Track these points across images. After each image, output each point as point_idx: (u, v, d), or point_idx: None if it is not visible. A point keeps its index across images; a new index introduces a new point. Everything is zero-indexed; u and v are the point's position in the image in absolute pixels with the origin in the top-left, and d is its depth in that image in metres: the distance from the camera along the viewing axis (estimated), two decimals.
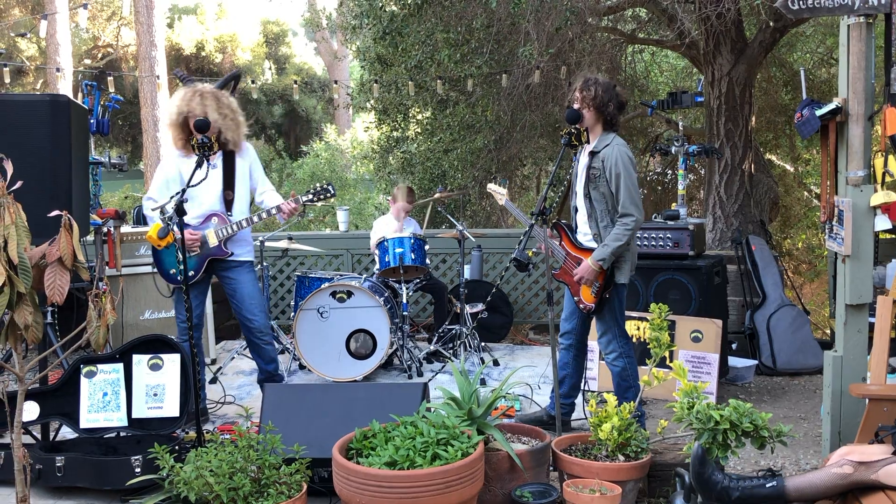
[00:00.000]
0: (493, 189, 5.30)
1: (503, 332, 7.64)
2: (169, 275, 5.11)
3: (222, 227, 5.03)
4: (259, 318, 5.14)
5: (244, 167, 5.18)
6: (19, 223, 3.14)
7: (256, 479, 3.44)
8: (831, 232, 4.24)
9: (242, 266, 5.15)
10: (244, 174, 5.18)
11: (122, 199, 13.65)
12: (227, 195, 5.10)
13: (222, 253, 5.05)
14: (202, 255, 5.04)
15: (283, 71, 22.86)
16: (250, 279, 5.16)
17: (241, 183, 5.16)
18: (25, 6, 19.30)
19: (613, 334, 4.65)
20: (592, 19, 8.39)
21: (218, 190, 5.08)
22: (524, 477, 3.59)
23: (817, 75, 11.09)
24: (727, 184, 7.97)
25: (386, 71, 9.83)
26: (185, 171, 4.86)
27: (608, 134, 4.61)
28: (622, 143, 4.58)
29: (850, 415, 4.07)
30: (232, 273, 5.14)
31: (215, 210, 5.08)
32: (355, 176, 19.28)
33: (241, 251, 5.13)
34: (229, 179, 5.11)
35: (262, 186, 5.27)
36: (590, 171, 4.58)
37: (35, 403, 4.35)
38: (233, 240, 5.09)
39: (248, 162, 5.20)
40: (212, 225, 5.05)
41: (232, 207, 5.12)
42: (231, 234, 5.04)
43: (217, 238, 5.03)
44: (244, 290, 5.12)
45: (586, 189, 4.61)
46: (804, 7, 4.06)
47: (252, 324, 5.12)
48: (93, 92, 6.10)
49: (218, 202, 5.09)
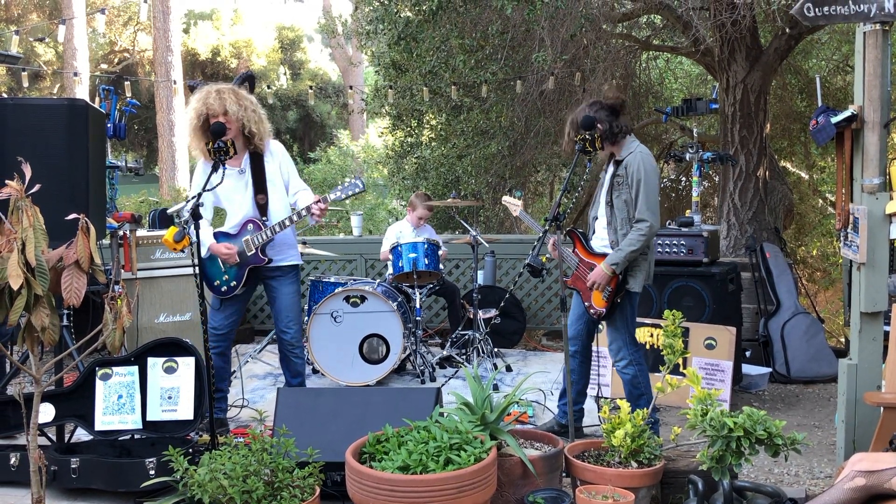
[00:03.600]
0: (508, 201, 5.29)
1: (516, 337, 7.63)
2: (213, 286, 4.98)
3: (257, 234, 4.87)
4: (293, 331, 5.00)
5: (274, 167, 4.99)
6: (37, 226, 3.17)
7: (270, 482, 3.45)
8: (846, 240, 4.22)
9: (285, 275, 4.99)
10: (275, 175, 4.99)
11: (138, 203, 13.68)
12: (260, 199, 4.92)
13: (260, 261, 4.89)
14: (242, 265, 4.90)
15: (297, 76, 22.96)
16: (290, 291, 5.00)
17: (274, 185, 4.97)
18: (43, 11, 19.47)
19: (623, 341, 4.64)
20: (607, 26, 8.40)
21: (250, 195, 4.93)
22: (537, 483, 3.59)
23: (833, 82, 11.05)
24: (742, 191, 7.95)
25: (400, 76, 9.87)
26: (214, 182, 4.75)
27: (631, 142, 4.62)
28: (646, 151, 4.58)
29: (865, 423, 4.05)
30: (273, 282, 5.00)
31: (250, 216, 4.93)
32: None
33: (281, 256, 4.97)
34: (260, 183, 4.93)
35: (294, 186, 5.06)
36: (614, 179, 4.59)
37: (51, 405, 4.38)
38: (272, 245, 4.92)
39: (277, 161, 5.00)
40: (248, 232, 4.90)
41: (267, 211, 4.93)
42: (267, 239, 4.86)
43: (254, 245, 4.87)
44: (282, 301, 4.99)
45: (608, 196, 4.61)
46: (820, 14, 4.05)
47: (284, 336, 5.01)
48: (109, 96, 6.15)
49: (251, 207, 4.93)
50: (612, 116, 4.60)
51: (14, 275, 3.04)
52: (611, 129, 4.59)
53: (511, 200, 5.28)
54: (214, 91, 4.80)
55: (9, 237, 3.11)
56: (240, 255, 4.88)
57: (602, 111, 4.59)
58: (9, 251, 3.08)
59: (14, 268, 3.04)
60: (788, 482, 4.38)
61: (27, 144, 4.31)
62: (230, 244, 4.87)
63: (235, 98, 4.78)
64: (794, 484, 4.35)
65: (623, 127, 4.64)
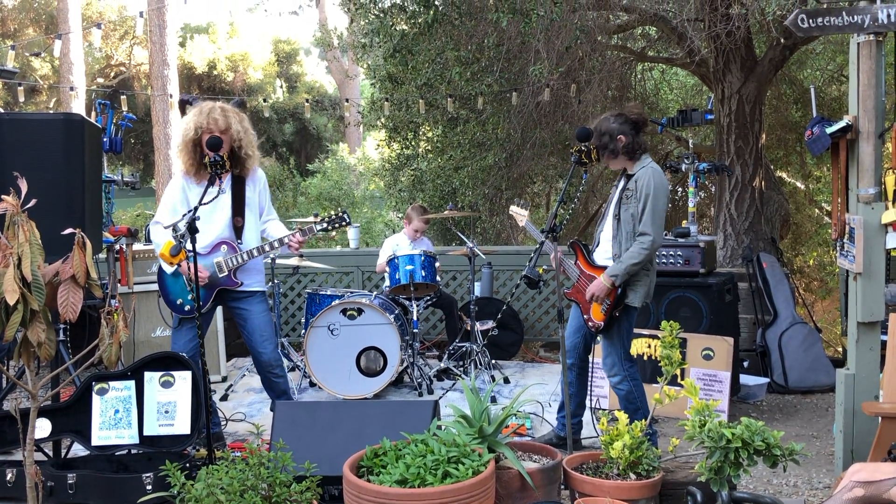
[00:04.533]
0: (515, 211, 5.29)
1: (514, 349, 7.62)
2: (175, 305, 4.87)
3: (232, 257, 4.80)
4: (268, 350, 4.91)
5: (254, 193, 4.96)
6: (33, 241, 3.16)
7: (267, 496, 3.44)
8: (843, 249, 4.23)
9: (253, 296, 4.91)
10: (254, 201, 4.96)
11: (134, 217, 13.71)
12: (237, 222, 4.86)
13: (232, 283, 4.83)
14: (211, 286, 4.82)
15: (294, 89, 22.98)
16: (261, 310, 4.91)
17: (251, 209, 4.94)
18: (39, 25, 19.50)
19: (618, 356, 4.63)
20: (602, 38, 8.43)
21: (227, 216, 4.85)
22: (535, 495, 3.58)
23: (827, 92, 11.09)
24: (738, 201, 7.96)
25: (396, 89, 9.90)
26: (193, 199, 4.74)
27: (644, 158, 4.64)
28: (658, 168, 4.60)
29: (863, 433, 4.05)
30: (242, 304, 4.91)
31: (224, 237, 4.85)
32: (365, 193, 19.33)
33: (251, 280, 4.90)
34: (239, 205, 4.87)
35: (266, 215, 5.06)
36: (624, 193, 4.60)
37: (47, 420, 4.36)
38: (243, 269, 4.86)
39: (258, 188, 4.98)
40: (220, 253, 4.82)
41: (242, 235, 4.87)
42: (240, 263, 4.81)
43: (227, 267, 4.80)
44: (254, 321, 4.89)
45: (616, 210, 4.62)
46: (814, 25, 4.08)
47: (262, 357, 4.91)
48: (106, 110, 6.15)
49: (227, 229, 4.85)
50: (634, 131, 4.64)
51: (10, 290, 3.03)
52: (632, 143, 4.62)
53: (518, 210, 5.28)
54: (219, 107, 4.76)
55: (5, 252, 3.10)
56: (210, 276, 4.77)
57: (626, 125, 4.62)
58: (5, 266, 3.07)
59: (10, 283, 3.04)
60: (787, 493, 4.37)
61: (23, 159, 4.30)
62: (200, 264, 4.51)
63: (238, 118, 4.77)
64: (793, 495, 4.34)
65: (642, 144, 4.68)
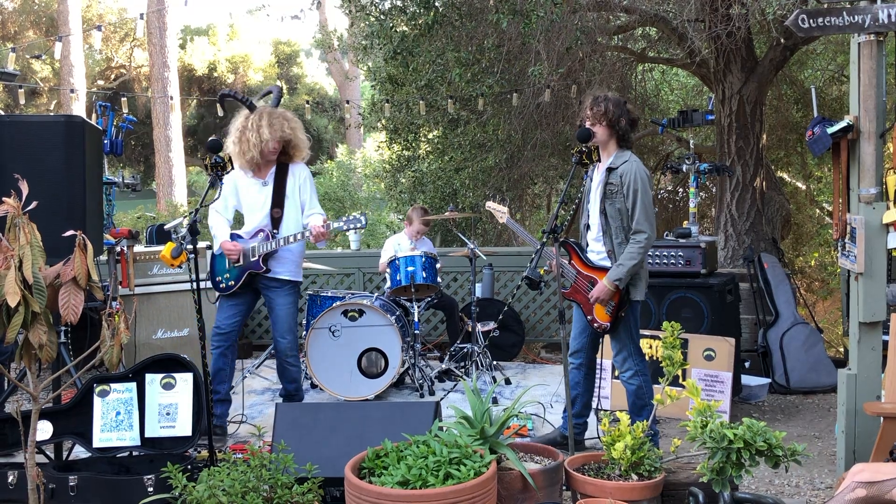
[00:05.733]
0: (493, 207, 5.29)
1: (515, 350, 7.62)
2: (215, 281, 5.32)
3: (264, 244, 5.17)
4: (287, 339, 5.29)
5: (294, 187, 5.29)
6: (34, 243, 3.16)
7: (269, 498, 3.44)
8: (844, 250, 4.23)
9: (282, 287, 5.27)
10: (294, 193, 5.29)
11: (134, 219, 13.68)
12: (275, 213, 5.24)
13: (259, 268, 5.18)
14: (242, 268, 5.21)
15: (294, 91, 22.97)
16: (287, 302, 5.28)
17: (291, 202, 5.28)
18: (39, 28, 19.52)
19: (629, 352, 4.64)
20: (602, 38, 8.43)
21: (267, 207, 5.24)
22: (537, 496, 3.58)
23: (828, 93, 11.08)
24: (739, 202, 7.96)
25: (397, 90, 9.89)
26: (242, 187, 5.29)
27: (624, 151, 4.62)
28: (639, 160, 4.60)
29: (865, 433, 4.05)
30: (271, 293, 5.29)
31: (262, 226, 5.24)
32: (366, 195, 19.32)
33: (281, 269, 5.25)
34: (279, 197, 5.24)
35: (309, 208, 5.35)
36: (607, 188, 4.58)
37: (48, 422, 4.36)
38: (275, 258, 5.22)
39: (298, 182, 5.31)
40: (258, 240, 5.21)
41: (279, 226, 5.23)
42: (269, 250, 5.16)
43: (257, 253, 5.17)
44: (278, 311, 5.28)
45: (602, 205, 4.61)
46: (815, 25, 4.07)
47: (279, 344, 5.31)
48: (106, 113, 6.15)
49: (266, 219, 5.24)
50: (631, 121, 4.65)
51: (11, 292, 3.03)
52: (628, 130, 4.64)
53: (496, 207, 5.27)
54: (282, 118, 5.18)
55: (6, 254, 3.10)
56: (243, 256, 5.20)
57: (627, 113, 4.63)
58: (6, 268, 3.07)
59: (11, 285, 3.04)
60: (789, 493, 4.37)
61: (24, 161, 4.31)
62: (238, 244, 5.22)
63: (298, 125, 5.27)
64: (795, 495, 4.34)
65: (631, 139, 4.70)
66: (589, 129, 4.54)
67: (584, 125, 4.61)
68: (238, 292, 5.26)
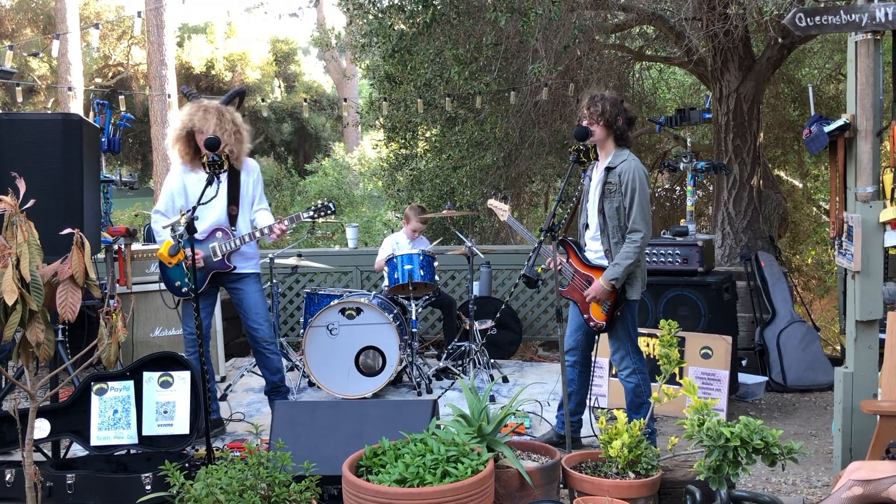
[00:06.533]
0: (495, 205, 5.29)
1: (512, 348, 7.63)
2: (174, 287, 5.27)
3: (225, 242, 5.17)
4: (264, 327, 5.28)
5: (248, 183, 5.32)
6: (32, 241, 3.16)
7: (266, 496, 3.44)
8: (841, 248, 4.23)
9: (248, 278, 5.30)
10: (248, 190, 5.32)
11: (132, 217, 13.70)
12: (232, 210, 5.24)
13: (225, 267, 5.20)
14: (206, 269, 5.18)
15: (292, 89, 22.97)
16: (255, 290, 5.30)
17: (245, 198, 5.31)
18: (37, 26, 19.48)
19: (627, 350, 4.64)
20: (600, 37, 8.43)
21: (223, 205, 5.21)
22: (534, 494, 3.58)
23: (825, 91, 11.10)
24: (736, 200, 7.97)
25: (395, 89, 9.89)
26: (190, 185, 5.21)
27: (622, 150, 4.62)
28: (637, 159, 4.60)
29: (862, 431, 4.05)
30: (238, 284, 5.30)
31: (219, 224, 5.22)
32: (363, 193, 19.33)
33: (244, 265, 5.28)
34: (234, 195, 5.24)
35: (258, 204, 5.38)
36: (605, 187, 4.59)
37: (46, 421, 4.36)
38: (236, 253, 5.23)
39: (251, 178, 5.34)
40: (216, 239, 5.20)
41: (236, 222, 5.26)
42: (233, 248, 5.18)
43: (220, 252, 5.17)
44: (249, 300, 5.28)
45: (600, 204, 4.62)
46: (812, 24, 4.08)
47: (257, 333, 5.28)
48: (104, 110, 6.15)
49: (223, 216, 5.23)
50: (628, 120, 4.66)
51: (8, 290, 3.03)
52: (626, 129, 4.64)
53: (498, 204, 5.27)
54: (202, 110, 5.10)
55: (3, 252, 3.10)
56: (205, 259, 5.16)
57: (624, 112, 4.64)
58: (3, 266, 3.07)
59: (8, 283, 3.04)
60: (786, 491, 4.38)
61: (21, 159, 4.30)
62: (197, 249, 5.06)
63: (218, 120, 5.08)
64: (792, 493, 4.35)
65: (628, 138, 4.70)
66: (586, 128, 4.54)
67: (581, 124, 4.61)
68: (203, 293, 5.24)
